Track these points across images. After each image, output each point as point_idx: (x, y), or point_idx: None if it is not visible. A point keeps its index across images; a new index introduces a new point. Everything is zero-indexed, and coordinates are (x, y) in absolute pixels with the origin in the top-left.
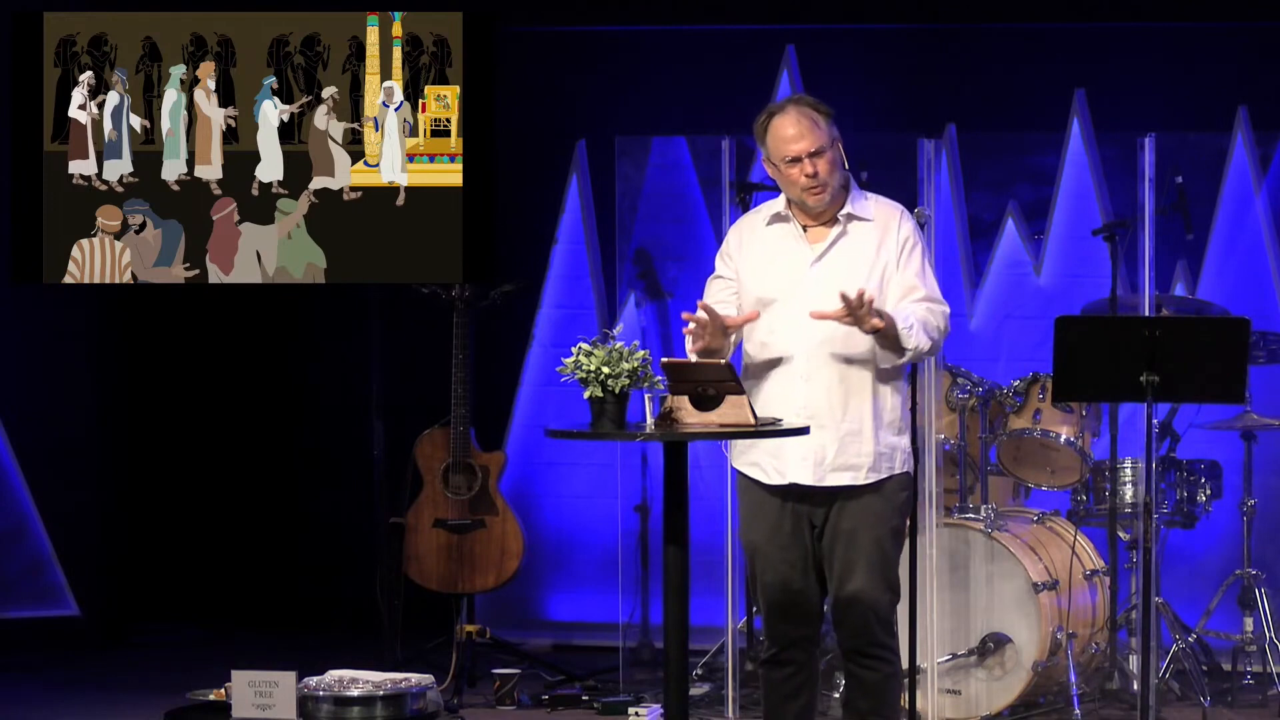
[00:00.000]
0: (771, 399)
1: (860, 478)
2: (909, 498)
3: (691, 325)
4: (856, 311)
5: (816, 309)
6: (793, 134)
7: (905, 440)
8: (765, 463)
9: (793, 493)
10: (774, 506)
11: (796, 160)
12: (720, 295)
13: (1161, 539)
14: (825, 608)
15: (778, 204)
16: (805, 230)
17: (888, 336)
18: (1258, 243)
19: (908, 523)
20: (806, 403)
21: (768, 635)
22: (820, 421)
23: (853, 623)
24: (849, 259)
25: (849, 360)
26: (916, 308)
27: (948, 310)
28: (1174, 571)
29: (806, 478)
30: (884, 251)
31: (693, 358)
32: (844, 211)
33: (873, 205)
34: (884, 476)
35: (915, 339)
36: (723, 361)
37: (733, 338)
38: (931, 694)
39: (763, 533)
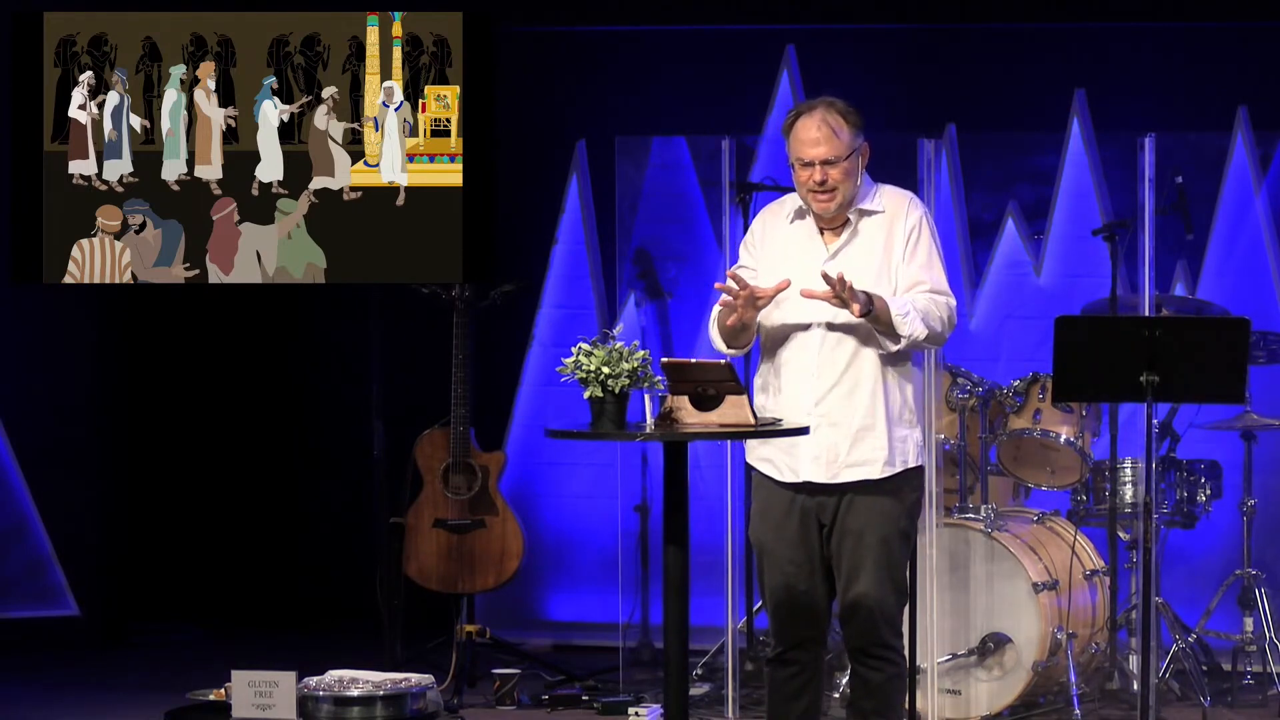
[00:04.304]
0: (784, 396)
1: (876, 472)
2: (919, 499)
3: (725, 296)
4: (838, 292)
5: (816, 298)
6: (810, 138)
7: (917, 433)
8: (778, 459)
9: (804, 489)
10: (783, 504)
11: (809, 164)
12: None
13: (1161, 539)
14: (833, 608)
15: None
16: (822, 231)
17: (881, 321)
18: (1258, 243)
19: (917, 524)
20: (819, 400)
21: (773, 634)
22: (833, 419)
23: (859, 623)
24: (860, 256)
25: (861, 357)
26: (918, 297)
27: (953, 303)
28: (1174, 571)
29: (820, 475)
30: (892, 243)
31: (733, 321)
32: (854, 208)
33: (883, 197)
34: (898, 470)
35: (911, 326)
36: (723, 361)
37: (758, 321)
38: (931, 694)
39: (770, 532)
